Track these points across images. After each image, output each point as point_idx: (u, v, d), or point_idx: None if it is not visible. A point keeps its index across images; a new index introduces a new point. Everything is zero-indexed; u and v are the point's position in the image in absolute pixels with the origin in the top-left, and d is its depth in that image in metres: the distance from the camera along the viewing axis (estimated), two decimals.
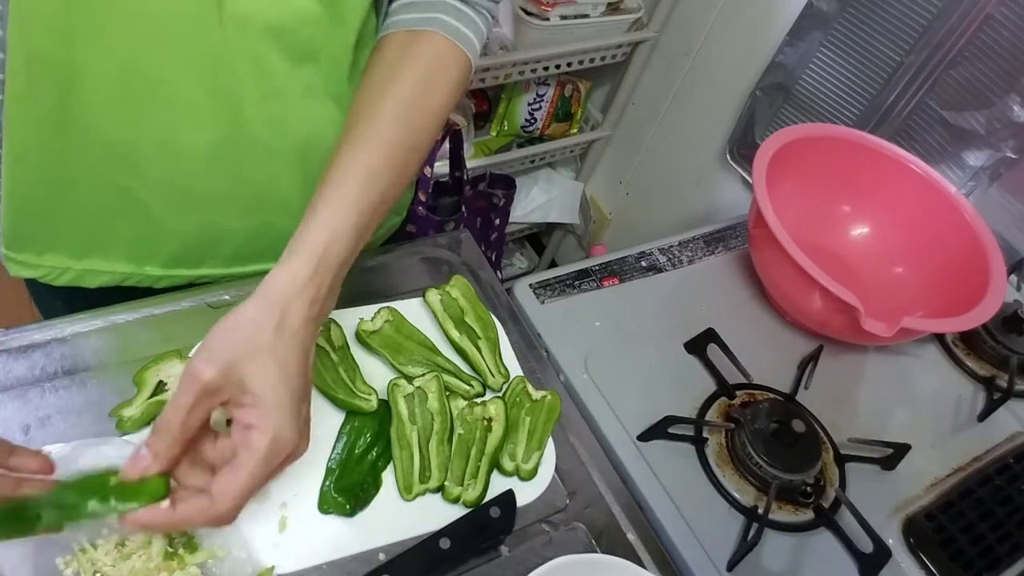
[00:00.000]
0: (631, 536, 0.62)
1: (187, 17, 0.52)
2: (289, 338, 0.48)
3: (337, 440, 0.61)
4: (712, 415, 0.76)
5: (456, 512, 0.59)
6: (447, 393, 0.64)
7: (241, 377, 0.46)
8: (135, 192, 0.61)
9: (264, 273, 0.50)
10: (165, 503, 0.46)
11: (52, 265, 0.65)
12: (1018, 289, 0.98)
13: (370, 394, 0.63)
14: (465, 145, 1.43)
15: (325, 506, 0.57)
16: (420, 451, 0.61)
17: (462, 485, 0.60)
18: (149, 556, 0.50)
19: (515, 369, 0.70)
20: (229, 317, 0.48)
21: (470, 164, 1.46)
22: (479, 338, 0.69)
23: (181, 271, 0.69)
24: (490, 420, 0.64)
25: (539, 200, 1.74)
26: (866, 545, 0.68)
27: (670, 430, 0.72)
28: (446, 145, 1.35)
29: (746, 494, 0.70)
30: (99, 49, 0.52)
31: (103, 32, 0.51)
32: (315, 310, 0.50)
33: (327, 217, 0.51)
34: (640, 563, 0.60)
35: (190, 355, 0.57)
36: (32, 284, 0.72)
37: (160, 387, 0.59)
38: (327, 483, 0.58)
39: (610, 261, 0.89)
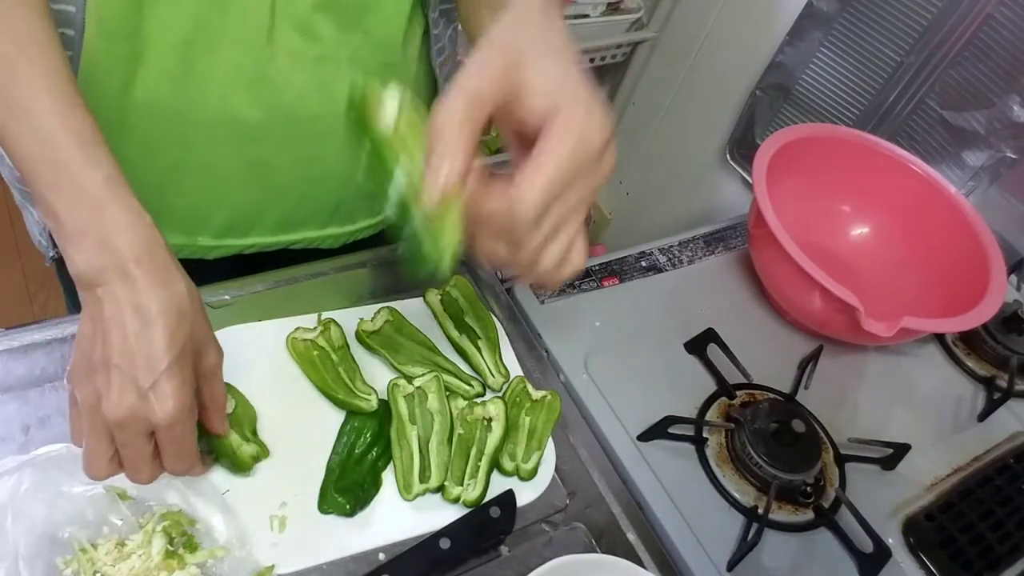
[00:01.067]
0: (631, 536, 0.62)
1: None
2: (553, 29, 0.45)
3: (337, 440, 0.61)
4: (712, 415, 0.76)
5: (456, 512, 0.59)
6: (447, 393, 0.64)
7: (525, 74, 0.43)
8: (187, 165, 0.62)
9: (309, 242, 0.50)
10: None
11: None
12: (1018, 289, 0.98)
13: (370, 394, 0.63)
14: None
15: (325, 506, 0.57)
16: (420, 451, 0.61)
17: (462, 485, 0.60)
18: (149, 555, 0.50)
19: (515, 369, 0.70)
20: (490, 36, 0.44)
21: None
22: (479, 338, 0.69)
23: (231, 240, 0.71)
24: (490, 420, 0.64)
25: None
26: (866, 545, 0.68)
27: (670, 430, 0.72)
28: None
29: (746, 494, 0.70)
30: (167, 16, 0.53)
31: (168, 1, 0.52)
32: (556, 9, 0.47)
33: None
34: (640, 563, 0.60)
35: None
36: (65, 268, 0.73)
37: None
38: (327, 483, 0.58)
39: (610, 261, 0.89)
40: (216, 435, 0.54)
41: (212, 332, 0.49)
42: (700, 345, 0.81)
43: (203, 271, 0.69)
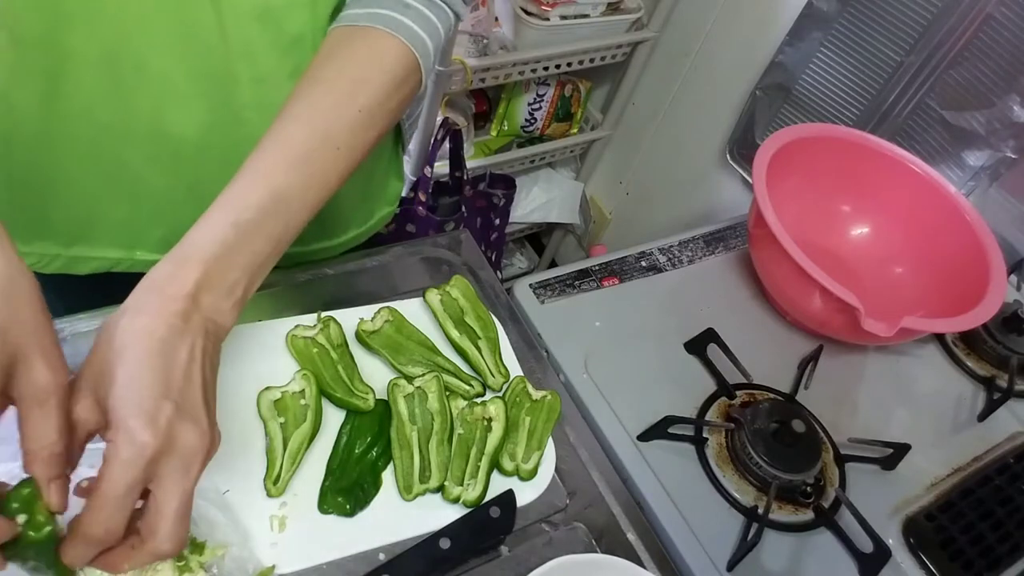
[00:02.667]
0: (631, 536, 0.62)
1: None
2: (134, 334, 0.42)
3: (337, 440, 0.61)
4: (712, 415, 0.76)
5: (456, 512, 0.59)
6: (447, 393, 0.64)
7: (98, 397, 0.41)
8: (123, 177, 0.61)
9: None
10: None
11: (41, 252, 0.65)
12: (1018, 289, 0.98)
13: (367, 393, 0.63)
14: (465, 145, 1.44)
15: (325, 506, 0.57)
16: (420, 451, 0.61)
17: (462, 485, 0.60)
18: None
19: (515, 369, 0.70)
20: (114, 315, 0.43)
21: (470, 164, 1.47)
22: (479, 338, 0.69)
23: None
24: (490, 420, 0.64)
25: (539, 200, 1.74)
26: (866, 545, 0.68)
27: (670, 430, 0.72)
28: (446, 145, 1.36)
29: (746, 494, 0.70)
30: (86, 31, 0.52)
31: (90, 12, 0.51)
32: (174, 306, 0.43)
33: (205, 216, 0.47)
34: (640, 563, 0.60)
35: None
36: None
37: None
38: (327, 483, 0.58)
39: (610, 261, 0.89)
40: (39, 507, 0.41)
41: (51, 347, 0.40)
42: (700, 345, 0.81)
43: None
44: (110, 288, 0.64)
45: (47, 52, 0.52)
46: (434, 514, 0.59)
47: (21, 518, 0.40)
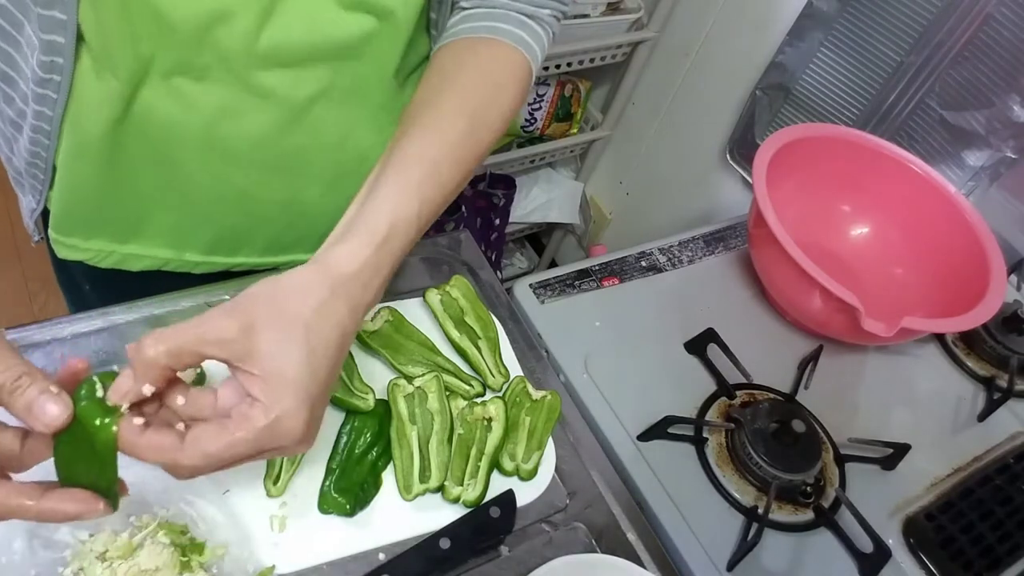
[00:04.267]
0: (631, 536, 0.62)
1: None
2: (330, 319, 0.43)
3: (337, 440, 0.61)
4: (712, 415, 0.76)
5: (456, 512, 0.59)
6: (447, 393, 0.64)
7: (258, 344, 0.41)
8: (177, 181, 0.62)
9: (299, 263, 0.46)
10: (139, 420, 0.41)
11: (98, 248, 0.67)
12: (1018, 289, 0.98)
13: (367, 393, 0.63)
14: None
15: (325, 506, 0.57)
16: (420, 451, 0.61)
17: (462, 485, 0.60)
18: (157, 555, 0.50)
19: (515, 369, 0.70)
20: (271, 279, 0.43)
21: None
22: (479, 338, 0.69)
23: (218, 258, 0.71)
24: (490, 420, 0.64)
25: (539, 200, 1.74)
26: (866, 545, 0.68)
27: (670, 430, 0.72)
28: None
29: (746, 494, 0.70)
30: (161, 42, 0.53)
31: (165, 33, 0.52)
32: (367, 297, 0.46)
33: (391, 200, 0.48)
34: (640, 563, 0.60)
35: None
36: (65, 270, 0.74)
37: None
38: (327, 483, 0.58)
39: (610, 261, 0.89)
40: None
41: None
42: (700, 345, 0.81)
43: (193, 285, 0.69)
44: (160, 285, 0.68)
45: (128, 75, 0.53)
46: (434, 514, 0.59)
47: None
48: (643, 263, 0.90)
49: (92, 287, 0.73)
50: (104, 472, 0.42)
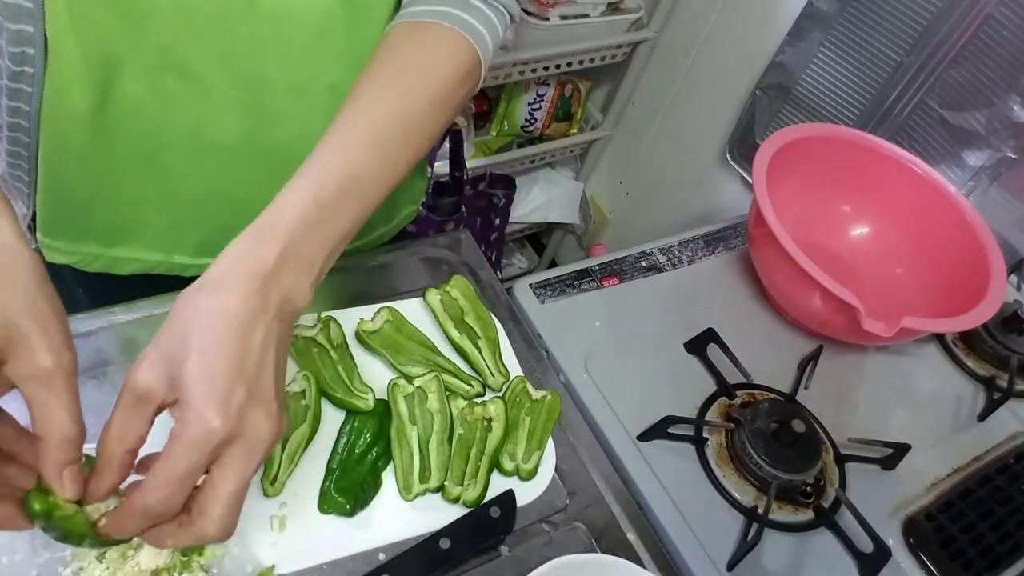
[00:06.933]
0: (631, 536, 0.62)
1: (219, 7, 0.52)
2: (216, 314, 0.42)
3: (337, 440, 0.61)
4: (712, 415, 0.76)
5: (456, 512, 0.59)
6: (447, 393, 0.64)
7: (169, 374, 0.40)
8: (163, 182, 0.62)
9: None
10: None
11: (85, 252, 0.67)
12: (1018, 289, 0.98)
13: (367, 393, 0.63)
14: (465, 145, 1.44)
15: (325, 506, 0.57)
16: (420, 451, 0.61)
17: (462, 485, 0.60)
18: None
19: (515, 369, 0.70)
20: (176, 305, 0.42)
21: (470, 164, 1.47)
22: (479, 338, 0.69)
23: (208, 260, 0.69)
24: (490, 420, 0.64)
25: (539, 200, 1.74)
26: (866, 545, 0.68)
27: (670, 430, 0.72)
28: (446, 145, 1.35)
29: (746, 494, 0.70)
30: (136, 38, 0.52)
31: (141, 20, 0.52)
32: (253, 283, 0.43)
33: (283, 193, 0.47)
34: (640, 563, 0.60)
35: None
36: (57, 274, 0.73)
37: None
38: (327, 483, 0.58)
39: (610, 261, 0.89)
40: (41, 503, 0.40)
41: (54, 328, 0.39)
42: (700, 345, 0.81)
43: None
44: (150, 288, 0.67)
45: (102, 62, 0.53)
46: (434, 514, 0.59)
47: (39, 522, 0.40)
48: (643, 263, 0.90)
49: (85, 291, 0.73)
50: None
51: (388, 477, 0.60)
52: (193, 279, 0.69)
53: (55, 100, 0.55)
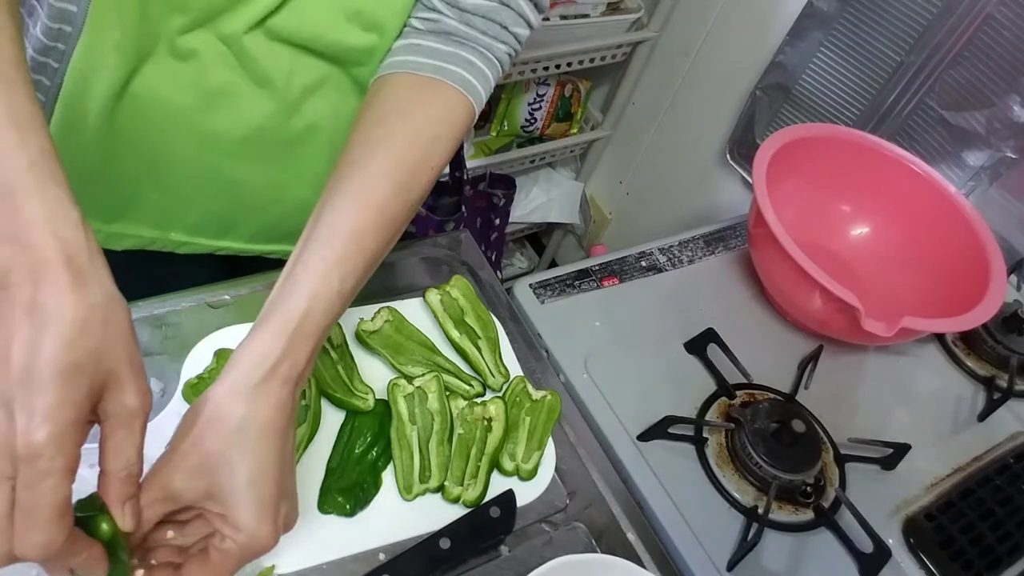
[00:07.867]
0: (631, 536, 0.62)
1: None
2: (260, 428, 0.44)
3: (337, 440, 0.61)
4: (712, 415, 0.76)
5: (456, 512, 0.59)
6: (447, 393, 0.64)
7: (208, 485, 0.43)
8: (165, 166, 0.63)
9: (284, 254, 0.47)
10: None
11: None
12: (1018, 289, 0.98)
13: (367, 393, 0.63)
14: (465, 145, 1.44)
15: (325, 506, 0.57)
16: (420, 451, 0.61)
17: (462, 485, 0.60)
18: None
19: (515, 369, 0.70)
20: (192, 416, 0.44)
21: (470, 164, 1.46)
22: (479, 338, 0.69)
23: (203, 240, 0.71)
24: (490, 420, 0.64)
25: (539, 200, 1.74)
26: (866, 545, 0.68)
27: (670, 430, 0.72)
28: None
29: (746, 494, 0.70)
30: (171, 17, 0.54)
31: (171, 8, 0.53)
32: (287, 389, 0.45)
33: (309, 282, 0.47)
34: (640, 563, 0.60)
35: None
36: None
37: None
38: (327, 483, 0.58)
39: (610, 261, 0.89)
40: (110, 525, 0.40)
41: (140, 372, 0.40)
42: (700, 345, 0.81)
43: (181, 267, 0.70)
44: (146, 263, 0.68)
45: (137, 50, 0.54)
46: (434, 514, 0.59)
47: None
48: (643, 263, 0.90)
49: None
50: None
51: (388, 477, 0.60)
52: (186, 256, 0.69)
53: (79, 79, 0.55)
